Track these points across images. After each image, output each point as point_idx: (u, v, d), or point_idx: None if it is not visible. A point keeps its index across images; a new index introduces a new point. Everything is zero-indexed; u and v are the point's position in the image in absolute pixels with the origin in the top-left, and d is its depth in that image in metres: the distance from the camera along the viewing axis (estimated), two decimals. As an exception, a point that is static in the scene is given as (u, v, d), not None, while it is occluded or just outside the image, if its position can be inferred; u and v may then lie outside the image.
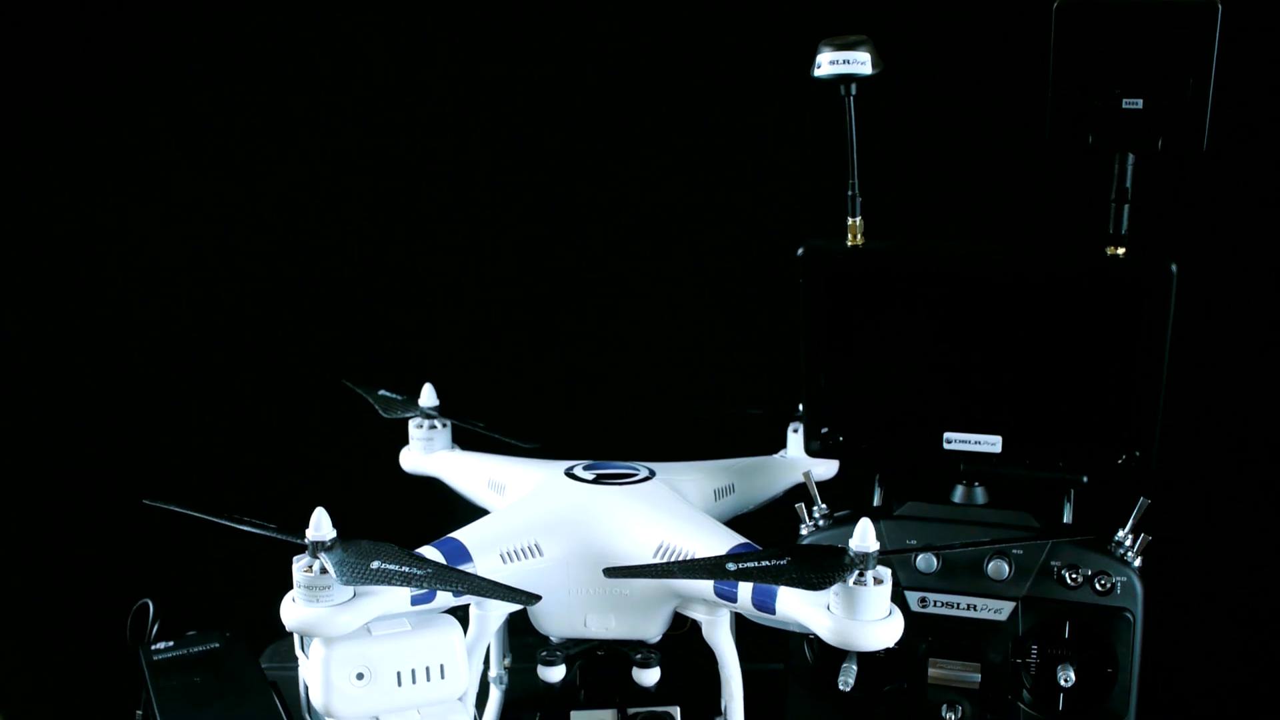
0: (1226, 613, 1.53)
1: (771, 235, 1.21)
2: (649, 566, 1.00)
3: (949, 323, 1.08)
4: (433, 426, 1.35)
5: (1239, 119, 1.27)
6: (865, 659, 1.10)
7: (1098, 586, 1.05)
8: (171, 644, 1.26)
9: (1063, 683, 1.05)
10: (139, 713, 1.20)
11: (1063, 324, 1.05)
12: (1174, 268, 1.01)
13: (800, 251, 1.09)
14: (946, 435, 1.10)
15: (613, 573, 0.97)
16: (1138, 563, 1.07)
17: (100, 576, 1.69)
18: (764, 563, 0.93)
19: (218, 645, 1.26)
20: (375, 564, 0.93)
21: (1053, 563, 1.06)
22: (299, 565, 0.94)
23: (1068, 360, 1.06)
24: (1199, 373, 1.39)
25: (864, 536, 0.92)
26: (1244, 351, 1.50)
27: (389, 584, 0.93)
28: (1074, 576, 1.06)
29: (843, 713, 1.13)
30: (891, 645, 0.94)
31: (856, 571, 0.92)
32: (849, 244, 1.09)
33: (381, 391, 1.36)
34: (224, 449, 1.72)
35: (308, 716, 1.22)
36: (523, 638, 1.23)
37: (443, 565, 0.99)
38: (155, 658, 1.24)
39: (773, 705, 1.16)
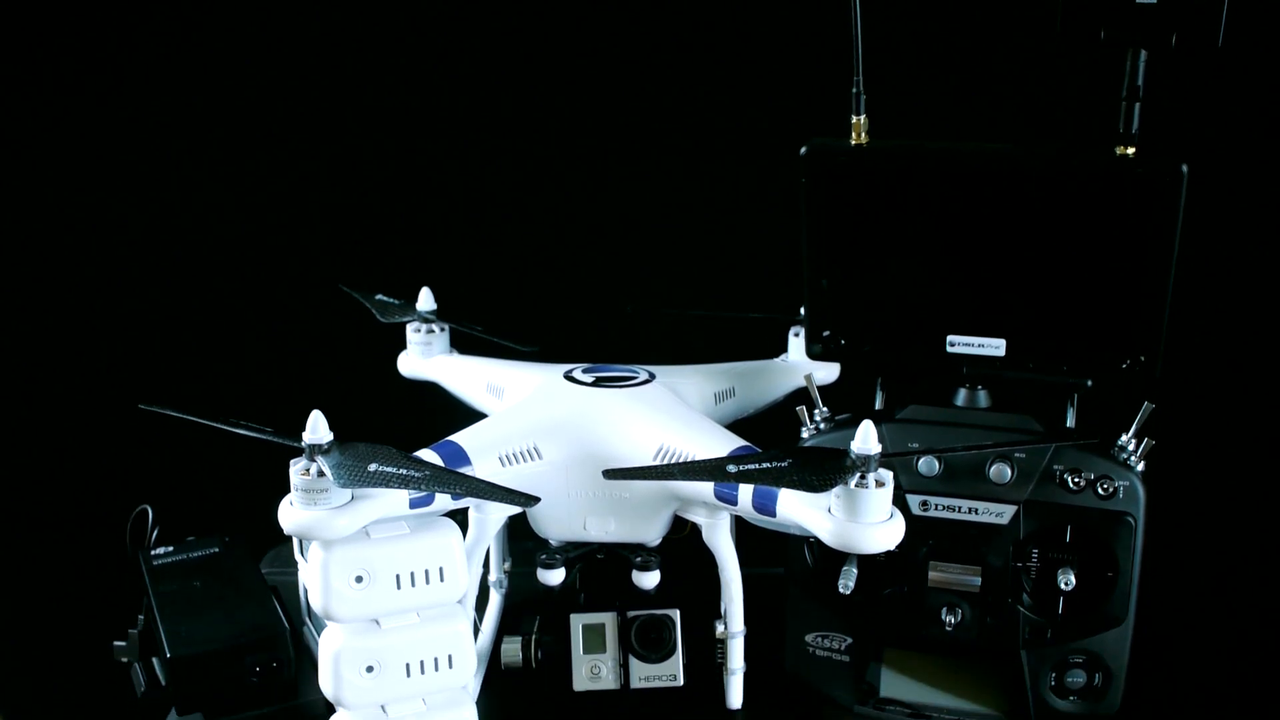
0: (1228, 517, 1.53)
1: (774, 134, 1.18)
2: (649, 468, 1.00)
3: (954, 223, 1.06)
4: (430, 330, 1.34)
5: (1256, 15, 1.24)
6: (865, 562, 1.10)
7: (1100, 490, 1.05)
8: (171, 549, 1.27)
9: (1063, 586, 1.05)
10: (140, 618, 1.20)
11: (1069, 225, 1.03)
12: (1185, 169, 0.99)
13: (803, 150, 1.07)
14: (950, 338, 1.09)
15: (612, 474, 0.97)
16: (1140, 467, 1.06)
17: (99, 483, 1.69)
18: (765, 465, 0.93)
19: (217, 550, 1.27)
20: (373, 466, 0.92)
21: (1055, 466, 1.06)
22: (296, 468, 0.94)
23: (1074, 262, 1.04)
24: (1207, 277, 1.38)
25: (866, 439, 0.91)
26: (1254, 255, 1.48)
27: (387, 486, 0.92)
28: (1076, 480, 1.05)
29: (842, 616, 1.13)
30: (892, 548, 0.94)
31: (858, 474, 0.91)
32: (853, 143, 1.07)
33: (379, 296, 1.35)
34: (221, 355, 1.71)
35: (308, 620, 1.23)
36: (522, 542, 1.23)
37: (441, 468, 0.99)
38: (155, 563, 1.24)
39: (773, 609, 1.17)
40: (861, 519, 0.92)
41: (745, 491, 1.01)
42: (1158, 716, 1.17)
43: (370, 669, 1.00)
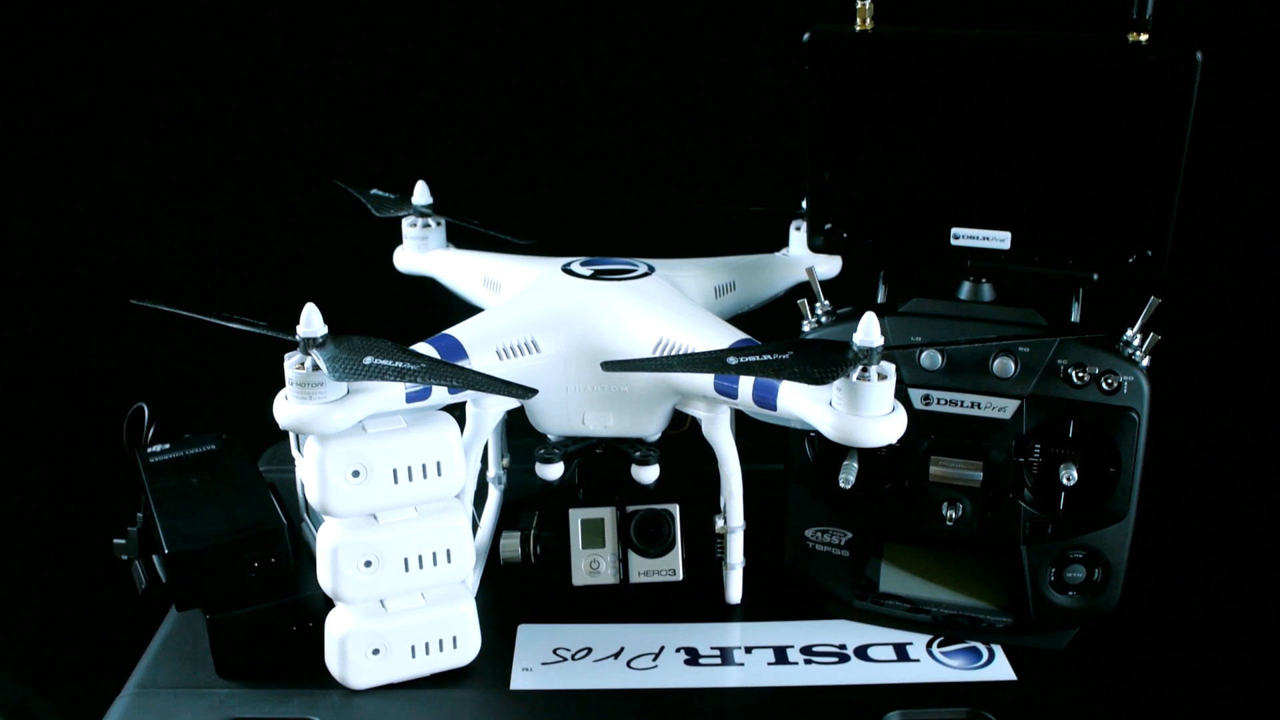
0: (1233, 413, 1.52)
1: (778, 21, 1.16)
2: (647, 360, 0.99)
3: (960, 112, 1.03)
4: (426, 225, 1.33)
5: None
6: (866, 457, 1.09)
7: (1104, 385, 1.04)
8: (168, 446, 1.26)
9: (1065, 482, 1.04)
10: (139, 515, 1.20)
11: (1078, 114, 1.00)
12: (1199, 56, 0.96)
13: (806, 37, 1.04)
14: (954, 231, 1.07)
15: (610, 366, 0.96)
16: (1145, 362, 1.05)
17: (93, 381, 1.69)
18: (766, 357, 0.92)
19: (214, 447, 1.26)
20: (368, 359, 0.92)
21: (1059, 361, 1.04)
22: (291, 362, 0.93)
23: (1082, 153, 1.02)
24: (1218, 170, 1.36)
25: (868, 331, 0.90)
26: (1267, 147, 1.46)
27: (382, 379, 0.92)
28: (1080, 375, 1.04)
29: (842, 510, 1.13)
30: (893, 442, 0.93)
31: (860, 367, 0.90)
32: (858, 29, 1.04)
33: (374, 190, 1.34)
34: (215, 250, 1.69)
35: (306, 516, 1.23)
36: (521, 439, 1.23)
37: (437, 360, 0.98)
38: (152, 460, 1.23)
39: (772, 504, 1.16)
40: (863, 412, 0.91)
41: (745, 384, 1.00)
42: (1157, 612, 1.18)
43: (368, 564, 1.01)
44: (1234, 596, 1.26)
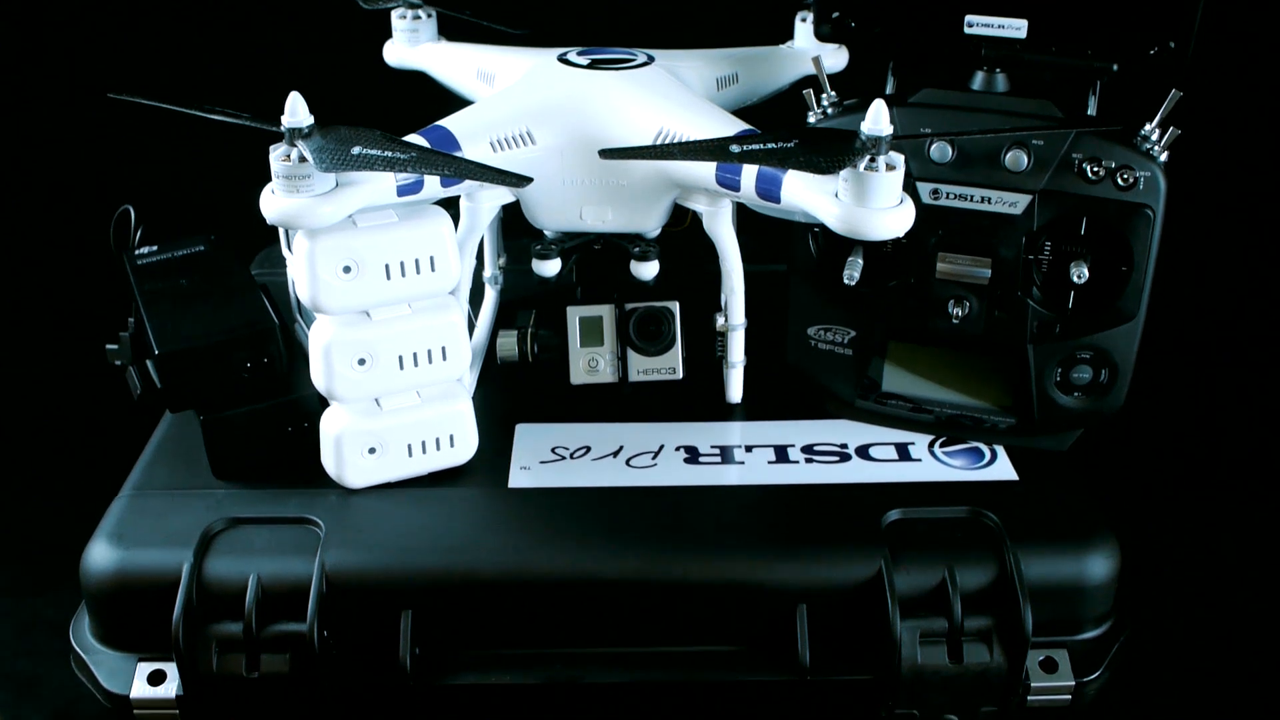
0: (1250, 210, 1.48)
1: None
2: (647, 148, 0.96)
3: (978, -115, 0.98)
4: (417, 17, 1.29)
5: None
6: (872, 252, 1.06)
7: (1119, 181, 1.00)
8: (155, 248, 1.24)
9: (1075, 279, 1.02)
10: (131, 320, 1.19)
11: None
12: None
13: None
14: (968, 18, 1.03)
15: (609, 154, 0.93)
16: (1163, 158, 1.01)
17: (77, 183, 1.65)
18: (770, 145, 0.89)
19: (203, 248, 1.24)
20: (356, 149, 0.89)
21: (1074, 155, 1.01)
22: (276, 154, 0.91)
23: (1105, -68, 0.97)
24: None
25: (877, 119, 0.87)
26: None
27: (371, 169, 0.89)
28: (1095, 170, 1.01)
29: (846, 308, 1.11)
30: (900, 236, 0.91)
31: (868, 156, 0.87)
32: None
33: (361, -19, 1.29)
34: (197, 47, 1.65)
35: (298, 316, 1.21)
36: (517, 240, 1.20)
37: (428, 149, 0.95)
38: (140, 262, 1.21)
39: (774, 303, 1.14)
40: (870, 204, 0.88)
41: (748, 175, 0.97)
42: (1162, 415, 1.17)
43: (362, 361, 0.99)
44: (1239, 398, 1.25)
